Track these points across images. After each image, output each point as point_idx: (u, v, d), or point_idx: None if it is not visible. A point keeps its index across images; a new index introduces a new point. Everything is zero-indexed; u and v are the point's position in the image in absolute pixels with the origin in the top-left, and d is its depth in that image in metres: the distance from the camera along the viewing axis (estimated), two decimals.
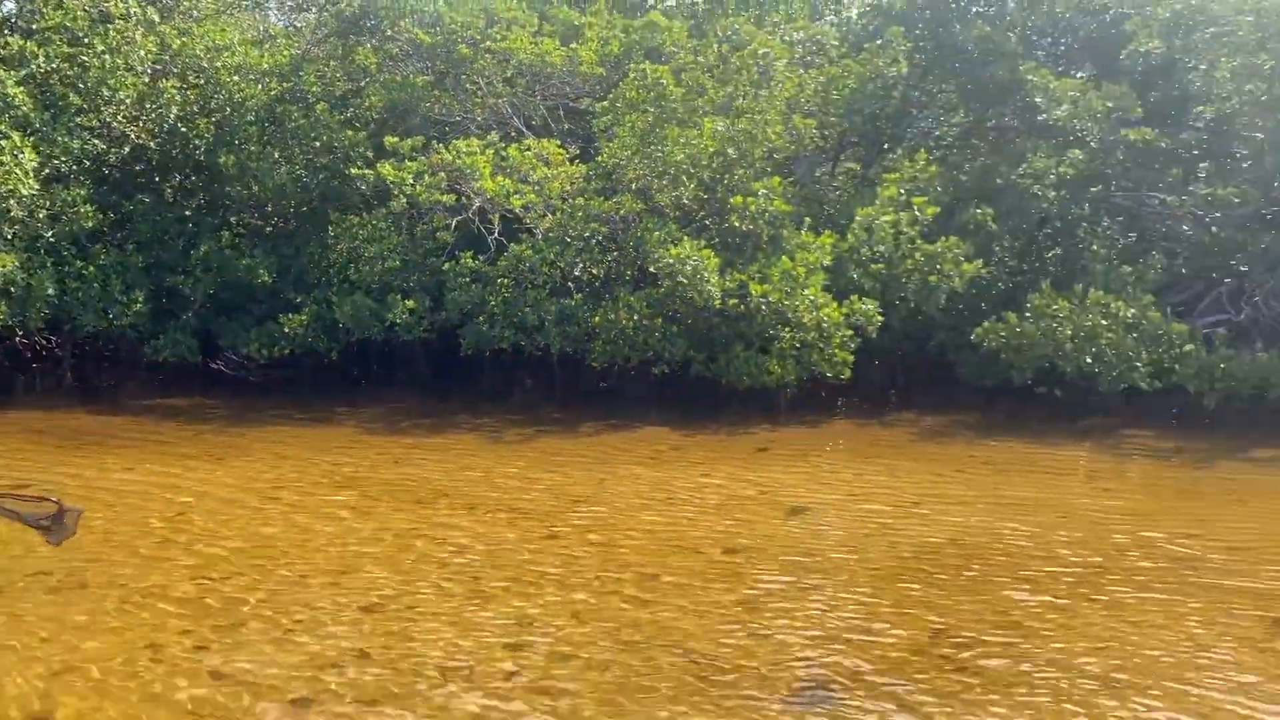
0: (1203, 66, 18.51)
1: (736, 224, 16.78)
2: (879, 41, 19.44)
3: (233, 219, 19.39)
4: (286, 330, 17.28)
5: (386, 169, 16.82)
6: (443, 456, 13.58)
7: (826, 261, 16.51)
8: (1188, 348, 16.04)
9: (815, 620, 7.62)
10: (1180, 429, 15.76)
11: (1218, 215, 17.97)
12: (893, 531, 10.01)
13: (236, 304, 18.37)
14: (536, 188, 17.05)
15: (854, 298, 16.37)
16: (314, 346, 17.69)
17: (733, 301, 15.88)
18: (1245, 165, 18.33)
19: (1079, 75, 20.33)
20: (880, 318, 16.36)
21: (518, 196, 16.83)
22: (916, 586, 8.34)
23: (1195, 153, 19.16)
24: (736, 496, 11.51)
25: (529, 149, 17.55)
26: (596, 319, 16.36)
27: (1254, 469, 13.38)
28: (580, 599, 8.05)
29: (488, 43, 18.95)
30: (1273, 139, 17.69)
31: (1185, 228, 18.74)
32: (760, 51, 17.88)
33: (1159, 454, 14.27)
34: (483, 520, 10.33)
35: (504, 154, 17.32)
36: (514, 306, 16.71)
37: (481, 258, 17.06)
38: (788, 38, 19.85)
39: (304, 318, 17.30)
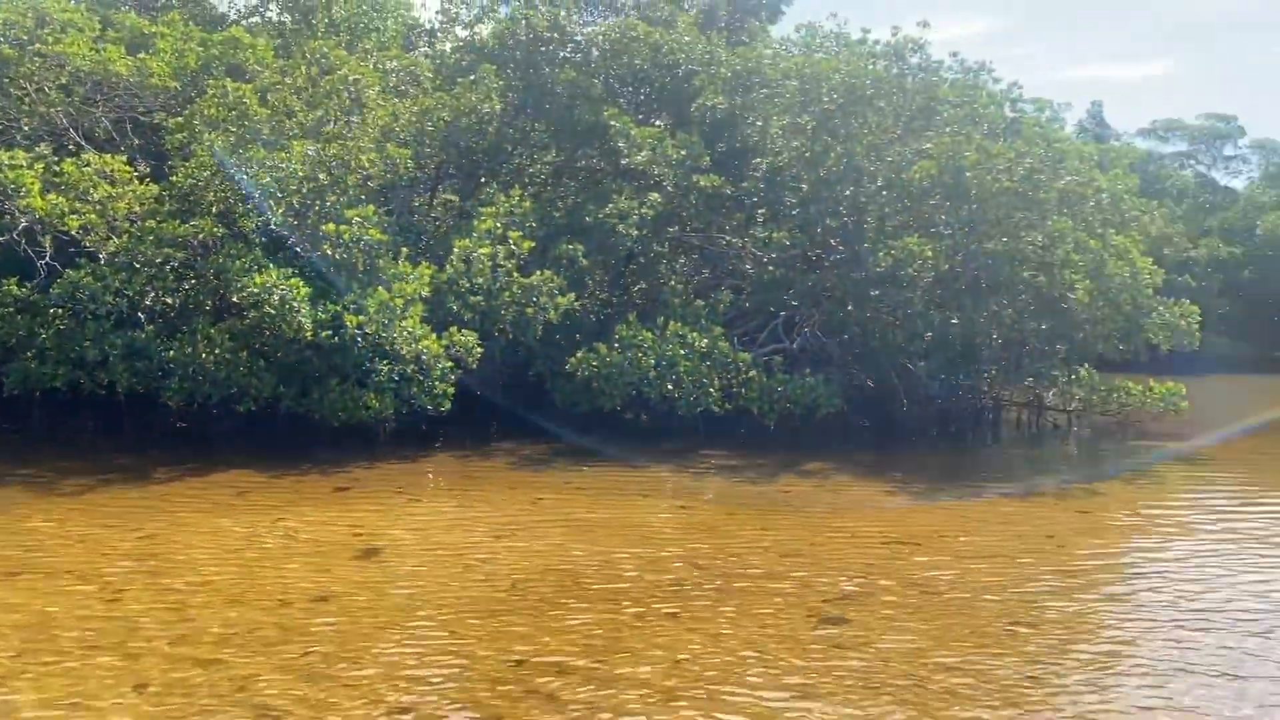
0: (759, 123, 20.81)
1: (330, 252, 16.18)
2: (472, 77, 19.75)
3: None
4: None
5: None
6: None
7: (425, 293, 16.41)
8: (751, 374, 17.84)
9: (398, 663, 7.44)
10: (747, 447, 17.46)
11: (773, 255, 20.16)
12: (486, 563, 10.07)
13: None
14: (98, 207, 15.37)
15: (453, 329, 16.40)
16: None
17: (326, 333, 15.27)
18: (794, 212, 20.76)
19: (657, 123, 22.00)
20: (480, 349, 16.53)
21: (75, 217, 15.07)
22: (506, 617, 8.43)
23: (755, 199, 21.41)
24: (320, 540, 11.00)
25: (89, 164, 15.79)
26: (171, 353, 15.02)
27: (802, 479, 15.10)
28: (146, 667, 7.26)
29: (37, 45, 16.85)
30: (814, 190, 20.22)
31: (748, 266, 20.83)
32: (352, 78, 17.47)
33: (730, 471, 15.67)
34: (27, 588, 9.01)
35: (58, 169, 15.44)
36: (70, 340, 14.90)
37: (29, 285, 15.05)
38: (380, 66, 19.59)
39: None
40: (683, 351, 17.42)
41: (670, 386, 17.26)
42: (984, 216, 19.19)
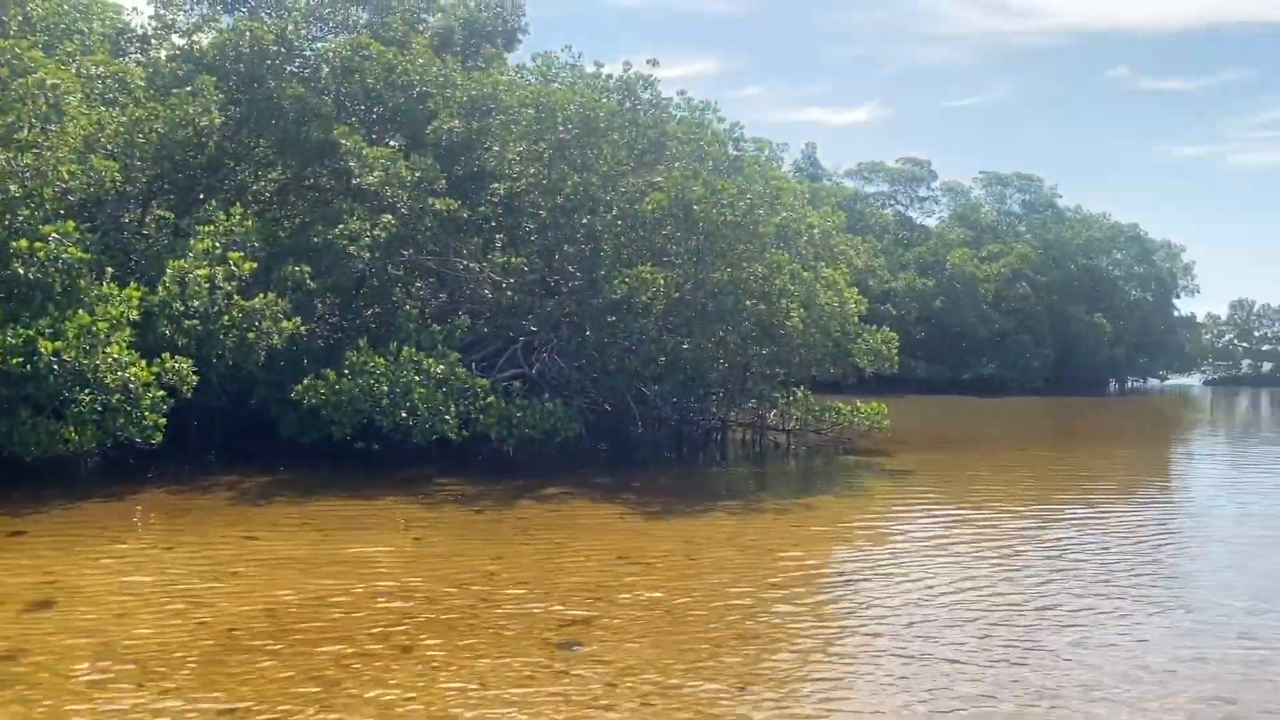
0: (495, 148, 20.88)
1: (21, 271, 14.66)
2: (189, 89, 18.59)
3: None
4: None
5: None
6: None
7: (134, 316, 15.21)
8: (489, 400, 17.77)
9: None
10: (485, 474, 17.37)
11: (511, 281, 20.26)
12: (195, 608, 9.40)
13: None
14: None
15: (166, 355, 15.28)
16: None
17: (16, 360, 13.80)
18: (532, 238, 20.98)
19: (392, 144, 21.56)
20: (196, 376, 15.49)
21: None
22: (215, 666, 7.92)
23: (493, 224, 21.46)
24: (16, 592, 9.91)
25: None
26: None
27: (539, 505, 15.19)
28: None
29: None
30: (552, 217, 20.52)
31: (486, 291, 20.80)
32: (50, 82, 15.96)
33: (467, 499, 15.51)
34: None
35: None
36: None
37: None
38: (84, 71, 18.06)
39: None
40: (418, 377, 17.11)
41: (404, 414, 16.88)
42: (711, 248, 20.18)
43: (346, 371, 16.96)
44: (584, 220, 20.45)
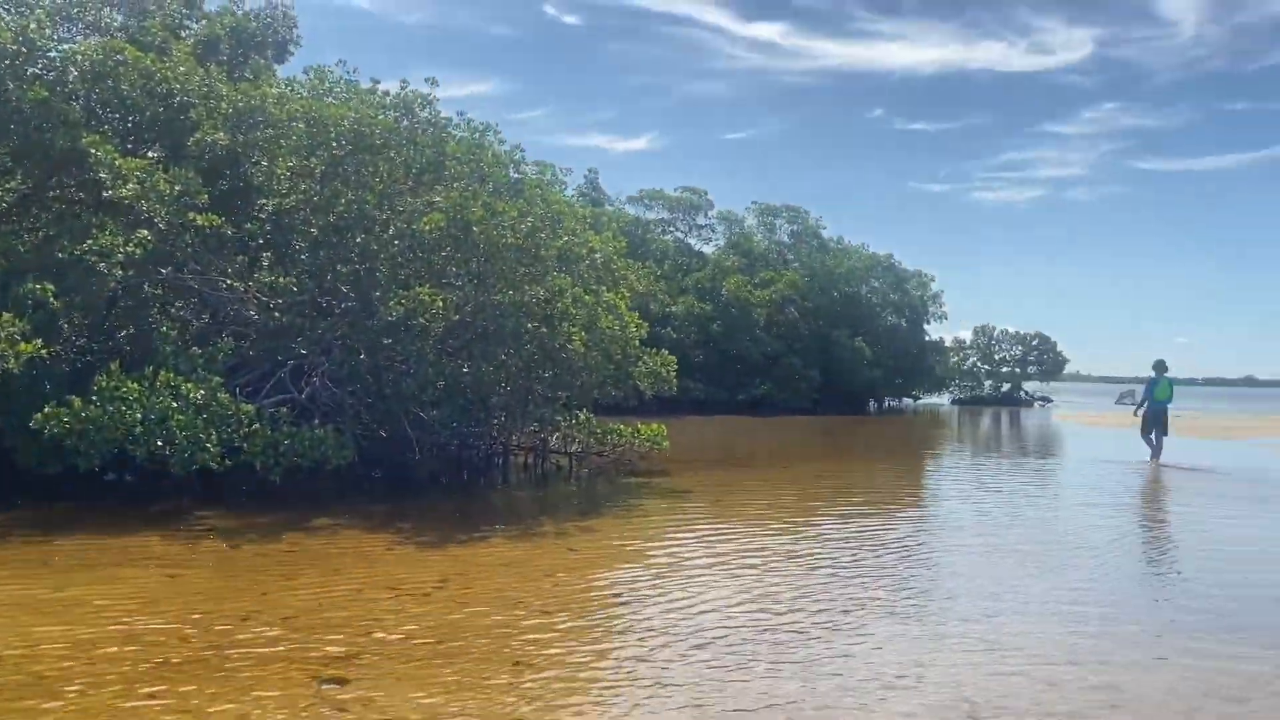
0: (264, 163, 19.99)
1: None
2: None
3: None
4: None
5: None
6: None
7: None
8: (255, 426, 16.90)
9: None
10: (251, 505, 16.50)
11: (280, 301, 19.39)
12: None
13: None
14: None
15: None
16: None
17: None
18: (303, 257, 20.17)
19: (151, 155, 20.24)
20: None
21: None
22: None
23: (260, 242, 20.49)
24: None
25: None
26: None
27: (308, 537, 14.59)
28: None
29: None
30: (324, 235, 19.82)
31: (252, 312, 19.80)
32: None
33: (230, 532, 14.68)
34: None
35: None
36: None
37: None
38: None
39: None
40: (175, 404, 16.06)
41: (160, 443, 15.79)
42: (492, 270, 20.07)
43: (95, 398, 15.70)
44: (358, 239, 19.86)
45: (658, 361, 24.21)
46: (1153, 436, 31.00)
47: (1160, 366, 31.39)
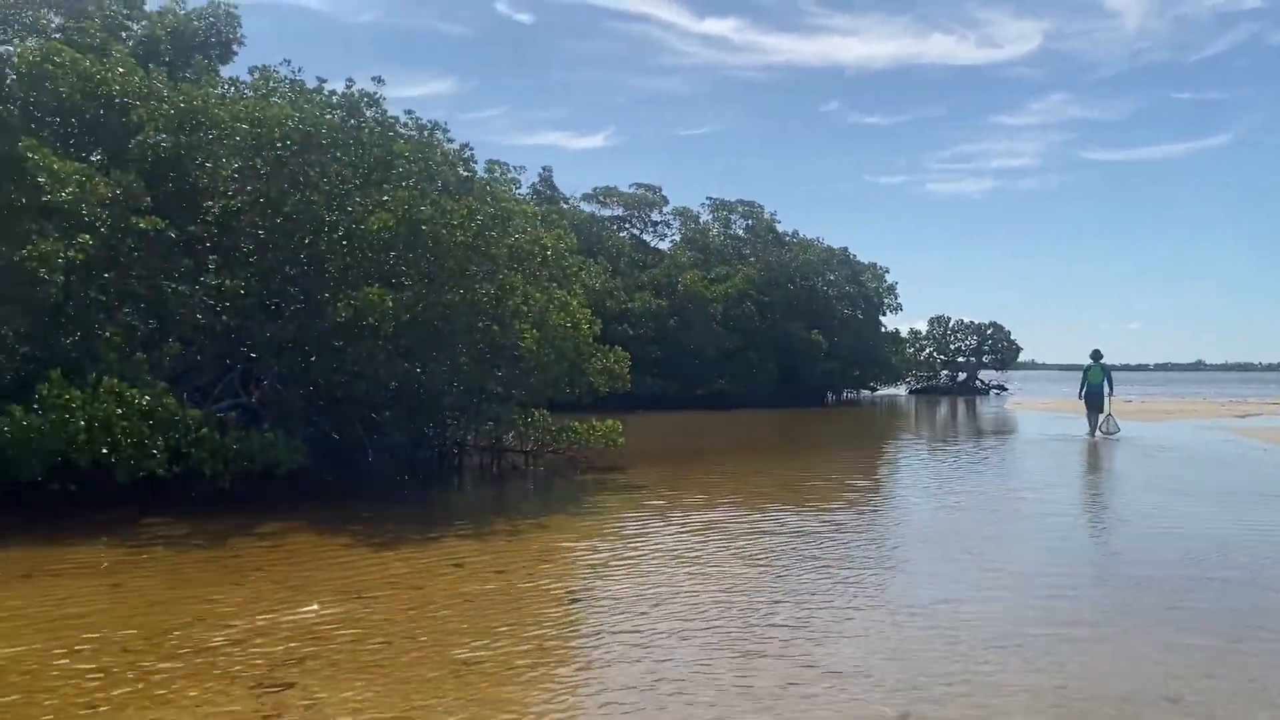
0: (208, 164, 19.71)
1: None
2: None
3: None
4: None
5: None
6: None
7: None
8: (203, 431, 16.68)
9: None
10: (199, 512, 16.28)
11: (228, 304, 19.14)
12: None
13: None
14: None
15: None
16: None
17: None
18: (251, 259, 19.92)
19: (94, 159, 19.88)
20: None
21: None
22: None
23: (206, 244, 20.19)
24: None
25: None
26: None
27: (256, 542, 14.42)
28: None
29: None
30: (271, 237, 19.59)
31: (199, 316, 19.51)
32: None
33: (177, 540, 14.48)
34: None
35: None
36: None
37: None
38: None
39: None
40: (120, 410, 15.80)
41: (105, 450, 15.54)
42: (441, 269, 19.93)
43: (36, 406, 15.41)
44: (306, 240, 19.66)
45: (611, 358, 24.21)
46: (1090, 415, 35.60)
47: (1096, 355, 35.66)
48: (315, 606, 10.71)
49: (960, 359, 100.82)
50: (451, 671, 8.64)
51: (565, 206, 62.11)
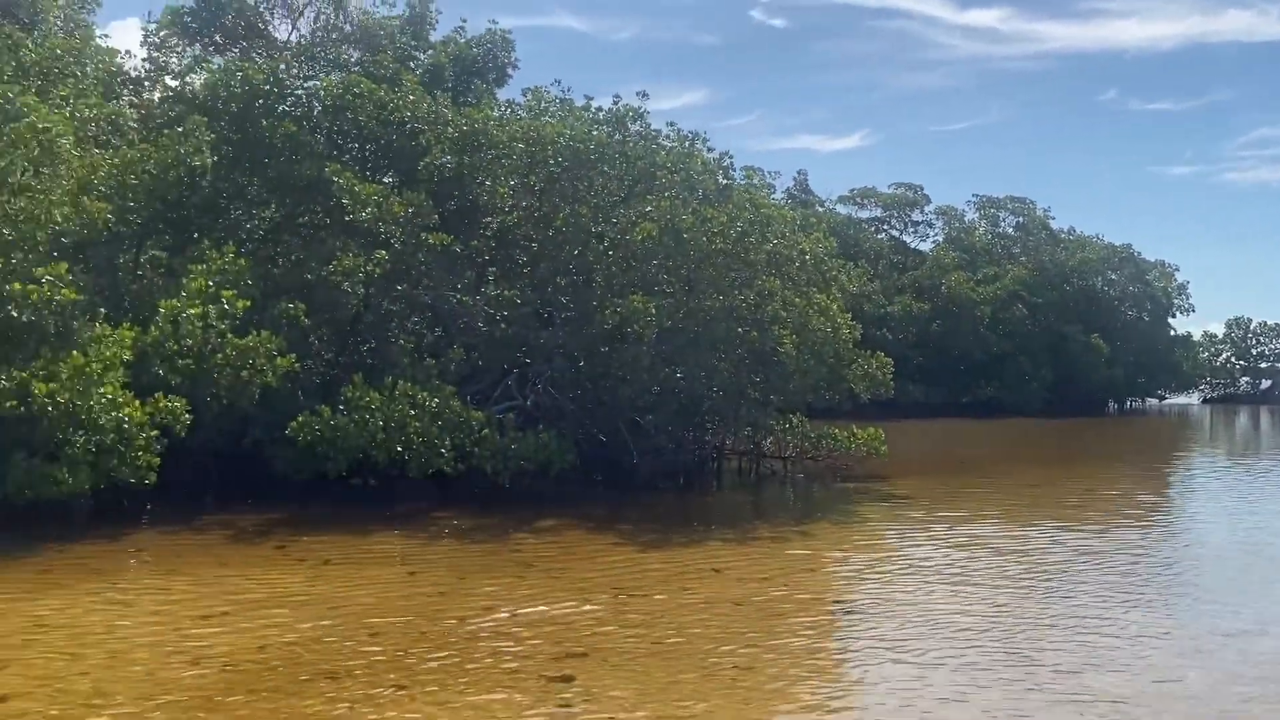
0: (487, 183, 21.03)
1: (15, 314, 14.73)
2: (181, 129, 18.74)
3: None
4: None
5: None
6: None
7: (127, 356, 15.27)
8: (485, 432, 17.79)
9: None
10: (481, 508, 17.36)
11: (505, 313, 20.32)
12: (193, 648, 9.37)
13: None
14: None
15: (159, 395, 15.34)
16: None
17: (11, 403, 13.84)
18: (525, 270, 21.07)
19: (385, 180, 21.70)
20: (190, 416, 15.53)
21: None
22: (222, 706, 7.91)
23: (486, 258, 21.56)
24: (9, 636, 9.90)
25: None
26: None
27: (534, 537, 15.19)
28: None
29: None
30: (544, 249, 20.63)
31: (480, 324, 20.84)
32: (41, 126, 16.09)
33: (463, 533, 15.51)
34: None
35: None
36: None
37: None
38: (78, 114, 18.20)
39: None
40: (412, 412, 17.13)
41: (400, 448, 16.89)
42: (701, 276, 20.26)
43: (342, 407, 16.98)
44: (576, 251, 20.55)
45: (873, 364, 23.66)
46: None
47: None
48: (590, 600, 11.15)
49: (1263, 365, 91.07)
50: (718, 675, 8.72)
51: (821, 209, 61.43)
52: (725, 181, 23.10)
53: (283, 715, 7.68)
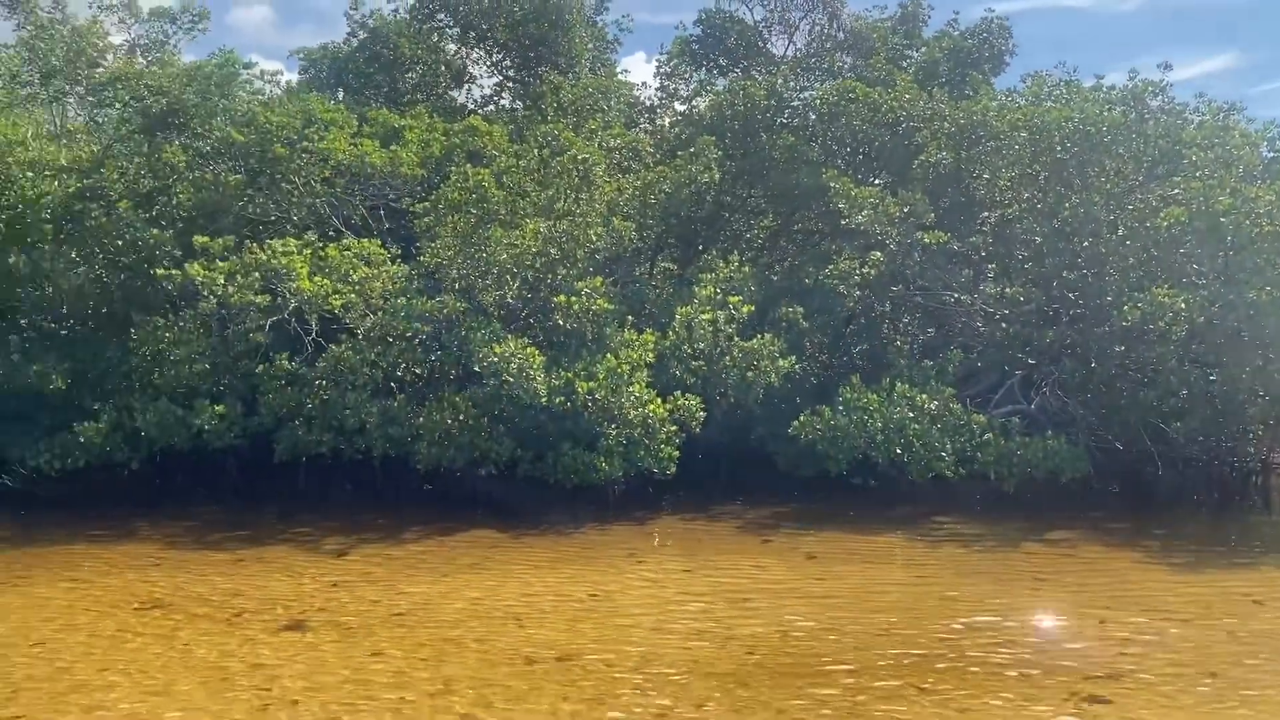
0: (985, 176, 20.21)
1: (561, 322, 16.92)
2: (691, 150, 20.26)
3: (24, 321, 18.13)
4: (82, 440, 16.13)
5: (195, 269, 16.15)
6: (257, 569, 12.84)
7: (649, 359, 16.81)
8: (987, 436, 17.05)
9: None
10: (984, 513, 16.69)
11: (1006, 312, 19.36)
12: (717, 629, 10.05)
13: (23, 413, 17.02)
14: (357, 287, 16.72)
15: (677, 394, 16.68)
16: (112, 456, 16.59)
17: (559, 399, 15.87)
18: (1026, 266, 19.91)
19: (876, 182, 21.77)
20: (703, 413, 16.71)
21: (337, 296, 16.45)
22: (751, 684, 8.37)
23: (983, 254, 20.71)
24: (560, 598, 11.33)
25: (349, 249, 17.26)
26: (421, 420, 16.03)
27: (1046, 549, 14.23)
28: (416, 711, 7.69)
29: (305, 143, 18.69)
30: (1049, 242, 19.34)
31: (978, 324, 20.08)
32: (580, 157, 18.30)
33: (966, 539, 15.00)
34: (301, 641, 9.77)
35: (322, 254, 16.98)
36: (333, 409, 16.21)
37: (298, 359, 16.53)
38: (605, 144, 20.45)
39: (102, 426, 16.20)
40: (911, 414, 16.92)
41: (899, 450, 16.76)
42: (1242, 264, 17.71)
43: (840, 408, 17.25)
44: (1085, 243, 19.00)
45: None
46: None
47: None
48: (1113, 620, 10.21)
49: None
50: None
51: None
52: (1271, 154, 20.05)
53: (805, 698, 7.93)
